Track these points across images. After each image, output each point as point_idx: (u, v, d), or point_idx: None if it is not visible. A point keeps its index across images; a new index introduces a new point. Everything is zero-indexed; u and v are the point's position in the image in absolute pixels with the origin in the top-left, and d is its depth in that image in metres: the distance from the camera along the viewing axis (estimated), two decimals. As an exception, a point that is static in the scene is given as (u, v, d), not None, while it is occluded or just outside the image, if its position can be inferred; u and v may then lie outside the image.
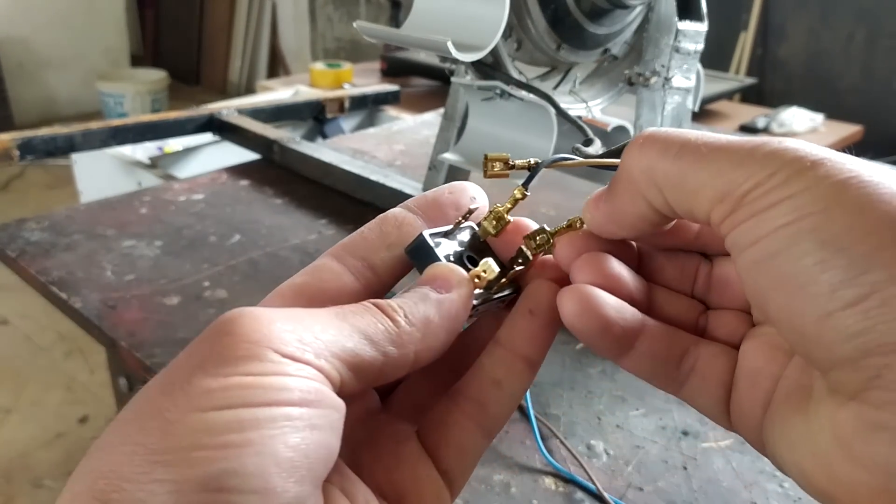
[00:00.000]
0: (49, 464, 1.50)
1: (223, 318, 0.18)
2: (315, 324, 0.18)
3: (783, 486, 0.45)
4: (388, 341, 0.19)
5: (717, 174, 0.19)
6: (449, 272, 0.22)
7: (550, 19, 0.58)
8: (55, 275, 0.64)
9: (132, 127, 0.91)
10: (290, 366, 0.17)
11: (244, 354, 0.17)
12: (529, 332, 0.23)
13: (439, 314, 0.21)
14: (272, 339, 0.17)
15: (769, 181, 0.18)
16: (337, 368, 0.18)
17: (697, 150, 0.19)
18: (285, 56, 3.76)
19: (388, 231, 0.23)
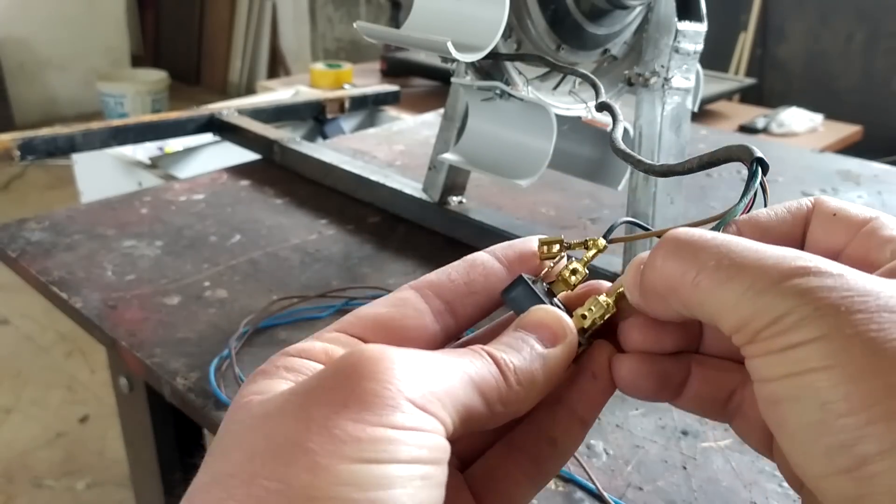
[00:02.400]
0: (49, 463, 1.50)
1: (360, 358, 0.18)
2: (439, 372, 0.19)
3: (782, 485, 0.45)
4: (497, 398, 0.20)
5: (733, 306, 0.18)
6: (556, 320, 0.22)
7: (550, 20, 0.58)
8: (56, 275, 0.64)
9: (133, 127, 0.91)
10: (423, 419, 0.18)
11: (384, 403, 0.17)
12: (591, 394, 0.23)
13: (544, 372, 0.21)
14: (407, 388, 0.18)
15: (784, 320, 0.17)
16: (453, 420, 0.19)
17: (717, 273, 0.19)
18: (285, 56, 3.76)
19: (475, 278, 0.23)
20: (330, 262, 0.68)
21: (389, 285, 0.64)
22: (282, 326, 0.58)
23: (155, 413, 0.69)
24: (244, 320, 0.57)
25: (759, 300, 0.18)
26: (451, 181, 0.72)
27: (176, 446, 0.72)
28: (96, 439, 1.56)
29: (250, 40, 3.78)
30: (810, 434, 0.17)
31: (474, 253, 0.24)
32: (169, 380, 0.51)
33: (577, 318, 0.22)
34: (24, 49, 3.46)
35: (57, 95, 3.63)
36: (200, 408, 0.49)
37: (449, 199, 0.73)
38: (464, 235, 0.71)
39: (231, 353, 0.53)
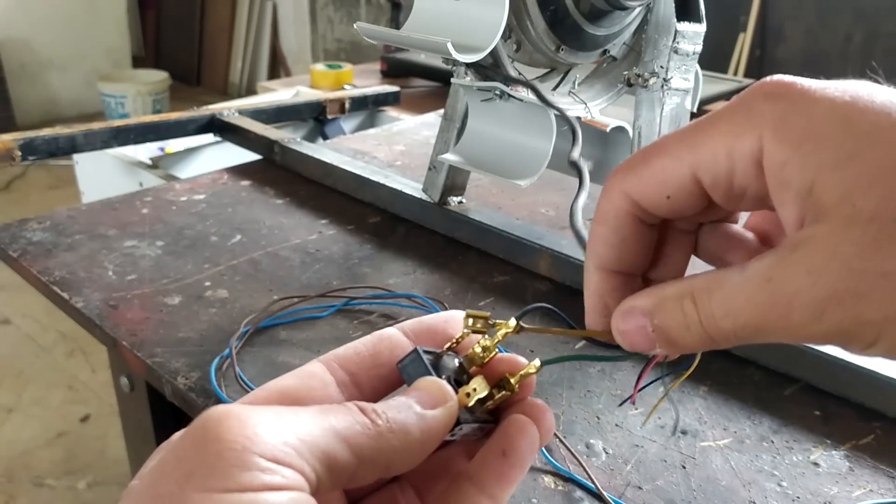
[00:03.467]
0: (50, 463, 1.50)
1: (208, 419, 0.18)
2: (296, 422, 0.19)
3: (781, 484, 0.45)
4: (365, 444, 0.20)
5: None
6: (437, 388, 0.22)
7: (550, 20, 0.58)
8: (57, 275, 0.64)
9: (133, 127, 0.91)
10: (278, 473, 0.17)
11: (232, 463, 0.17)
12: (499, 472, 0.22)
13: (419, 428, 0.21)
14: (257, 443, 0.18)
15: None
16: (315, 469, 0.18)
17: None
18: (286, 57, 3.76)
19: (381, 351, 0.24)
20: (330, 262, 0.68)
21: (389, 285, 0.64)
22: (282, 326, 0.58)
23: (156, 412, 0.69)
24: (245, 320, 0.57)
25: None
26: (451, 181, 0.72)
27: (177, 446, 0.72)
28: (97, 439, 1.57)
29: (251, 41, 3.78)
30: None
31: (385, 329, 0.25)
32: (170, 379, 0.52)
33: (462, 395, 0.23)
34: (25, 49, 3.46)
35: (58, 96, 3.63)
36: (201, 407, 0.49)
37: (449, 199, 0.73)
38: (464, 235, 0.71)
39: (232, 352, 0.53)
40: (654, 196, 0.22)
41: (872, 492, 0.45)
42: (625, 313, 0.23)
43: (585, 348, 0.56)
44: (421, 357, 0.23)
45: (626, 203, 0.22)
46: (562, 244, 0.66)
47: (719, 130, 0.20)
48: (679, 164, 0.21)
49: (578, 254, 0.64)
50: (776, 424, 0.50)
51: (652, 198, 0.22)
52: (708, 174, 0.21)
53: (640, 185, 0.22)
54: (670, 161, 0.21)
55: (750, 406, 0.52)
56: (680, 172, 0.21)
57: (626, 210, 0.23)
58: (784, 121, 0.19)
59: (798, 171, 0.19)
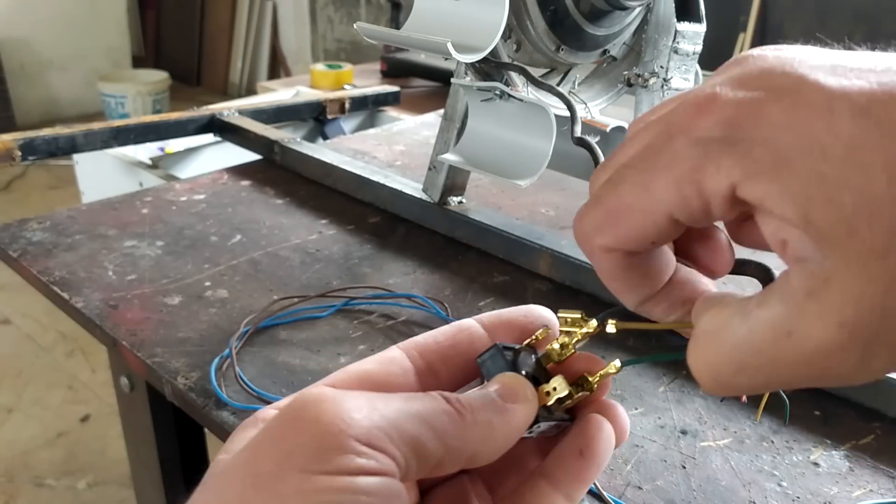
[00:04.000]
0: (51, 463, 1.50)
1: (304, 401, 0.19)
2: (387, 408, 0.19)
3: (781, 484, 0.45)
4: (451, 433, 0.20)
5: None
6: (518, 384, 0.22)
7: (550, 21, 0.58)
8: (57, 275, 0.64)
9: (133, 127, 0.91)
10: (369, 458, 0.18)
11: (328, 446, 0.18)
12: (576, 471, 0.22)
13: (502, 422, 0.21)
14: (353, 426, 0.18)
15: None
16: (405, 455, 0.19)
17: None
18: (286, 57, 3.76)
19: (460, 341, 0.24)
20: (330, 262, 0.68)
21: (389, 285, 0.64)
22: (282, 326, 0.58)
23: (156, 412, 0.69)
24: (245, 320, 0.57)
25: None
26: (451, 181, 0.72)
27: (177, 446, 0.72)
28: (97, 439, 1.57)
29: (251, 41, 3.78)
30: None
31: (464, 320, 0.25)
32: (170, 379, 0.52)
33: (542, 393, 0.23)
34: (25, 50, 3.46)
35: (58, 96, 3.63)
36: (201, 407, 0.49)
37: (449, 199, 0.73)
38: (464, 235, 0.71)
39: (232, 352, 0.53)
40: (638, 245, 0.21)
41: (872, 492, 0.45)
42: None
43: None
44: (501, 352, 0.23)
45: (613, 255, 0.21)
46: (562, 244, 0.66)
47: (677, 173, 0.19)
48: (650, 216, 0.20)
49: (578, 254, 0.65)
50: (776, 424, 0.50)
51: (636, 246, 0.21)
52: (683, 214, 0.19)
53: (619, 240, 0.21)
54: (640, 216, 0.20)
55: (749, 406, 0.52)
56: (655, 222, 0.20)
57: (618, 259, 0.21)
58: (746, 150, 0.17)
59: (783, 202, 0.17)
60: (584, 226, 0.21)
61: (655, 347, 0.58)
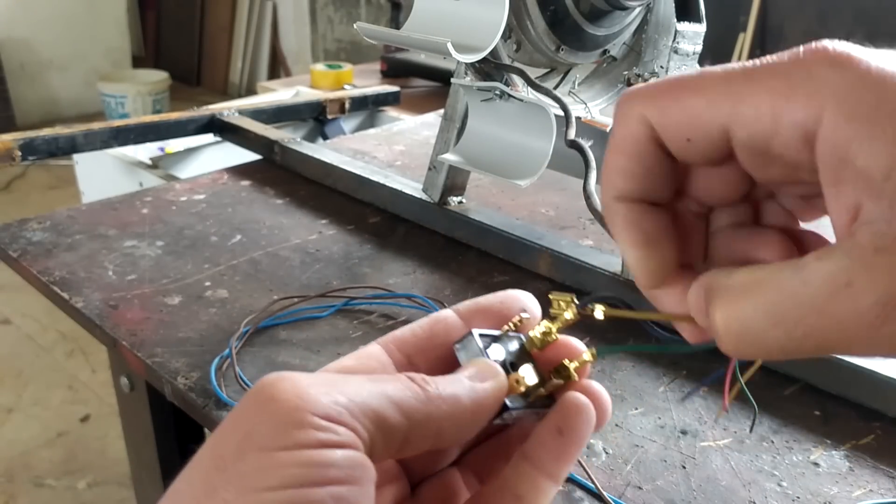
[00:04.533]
0: (51, 463, 1.50)
1: (263, 383, 0.19)
2: (346, 385, 0.19)
3: (781, 484, 0.45)
4: (415, 408, 0.20)
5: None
6: (487, 366, 0.22)
7: (550, 21, 0.58)
8: (57, 275, 0.64)
9: (133, 128, 0.91)
10: (329, 432, 0.18)
11: (289, 421, 0.18)
12: (556, 450, 0.22)
13: (469, 398, 0.21)
14: (310, 402, 0.18)
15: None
16: (367, 429, 0.19)
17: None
18: (286, 57, 3.76)
19: (437, 333, 0.24)
20: (330, 262, 0.68)
21: (389, 285, 0.64)
22: (282, 326, 0.58)
23: (156, 412, 0.69)
24: (245, 320, 0.57)
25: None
26: (451, 181, 0.72)
27: (177, 446, 0.72)
28: (97, 439, 1.57)
29: (251, 41, 3.78)
30: None
31: (442, 311, 0.25)
32: (170, 379, 0.52)
33: (511, 382, 0.23)
34: (25, 49, 3.46)
35: (58, 96, 3.63)
36: (201, 407, 0.49)
37: (449, 199, 0.73)
38: (464, 235, 0.71)
39: (232, 352, 0.53)
40: (674, 134, 0.20)
41: (872, 492, 0.45)
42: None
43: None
44: (475, 339, 0.23)
45: (646, 130, 0.20)
46: (562, 244, 0.66)
47: (769, 87, 0.18)
48: (713, 110, 0.19)
49: (578, 254, 0.65)
50: (776, 424, 0.50)
51: (670, 134, 0.20)
52: (743, 131, 0.18)
53: (662, 117, 0.20)
54: (704, 104, 0.19)
55: (750, 407, 0.52)
56: (711, 120, 0.19)
57: (648, 136, 0.20)
58: (853, 94, 0.17)
59: (869, 153, 0.16)
60: (637, 89, 0.20)
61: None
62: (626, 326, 0.60)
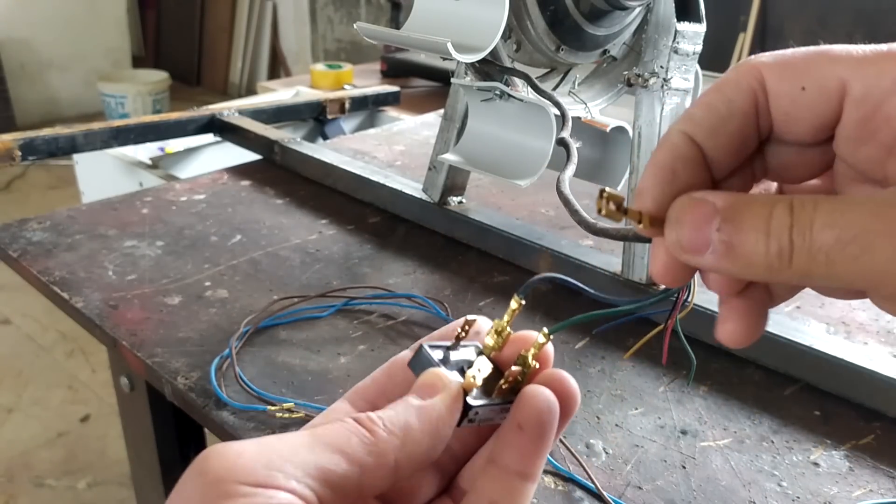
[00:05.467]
0: (51, 463, 1.50)
1: (197, 459, 0.19)
2: (283, 447, 0.19)
3: (781, 484, 0.45)
4: (364, 452, 0.20)
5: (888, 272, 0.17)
6: (435, 377, 0.22)
7: (550, 21, 0.58)
8: (57, 275, 0.64)
9: (133, 127, 0.91)
10: (258, 496, 0.18)
11: (215, 494, 0.18)
12: (520, 447, 0.22)
13: (419, 420, 0.21)
14: (238, 473, 0.18)
15: None
16: (310, 486, 0.19)
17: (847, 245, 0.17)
18: (286, 57, 3.76)
19: (395, 372, 0.24)
20: (330, 262, 0.68)
21: (389, 285, 0.64)
22: (282, 326, 0.58)
23: (156, 412, 0.69)
24: (245, 320, 0.57)
25: None
26: (451, 181, 0.72)
27: (177, 446, 0.72)
28: (97, 439, 1.57)
29: (251, 41, 3.78)
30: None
31: (399, 353, 0.25)
32: (170, 379, 0.52)
33: (468, 379, 0.23)
34: (25, 50, 3.46)
35: (58, 96, 3.63)
36: (201, 407, 0.49)
37: (449, 199, 0.73)
38: (464, 235, 0.71)
39: (232, 352, 0.53)
40: (789, 82, 0.19)
41: (872, 492, 0.45)
42: (693, 200, 0.19)
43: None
44: (425, 351, 0.23)
45: (754, 77, 0.20)
46: (562, 244, 0.66)
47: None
48: (835, 64, 0.19)
49: (578, 254, 0.65)
50: (776, 424, 0.50)
51: (785, 84, 0.19)
52: (860, 84, 0.18)
53: (779, 67, 0.19)
54: (827, 60, 0.19)
55: (750, 406, 0.52)
56: (831, 71, 0.19)
57: (751, 84, 0.20)
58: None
59: None
60: (765, 55, 0.20)
61: (656, 349, 0.58)
62: (625, 322, 0.59)
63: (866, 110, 0.19)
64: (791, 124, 0.20)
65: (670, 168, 0.20)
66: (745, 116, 0.20)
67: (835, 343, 0.53)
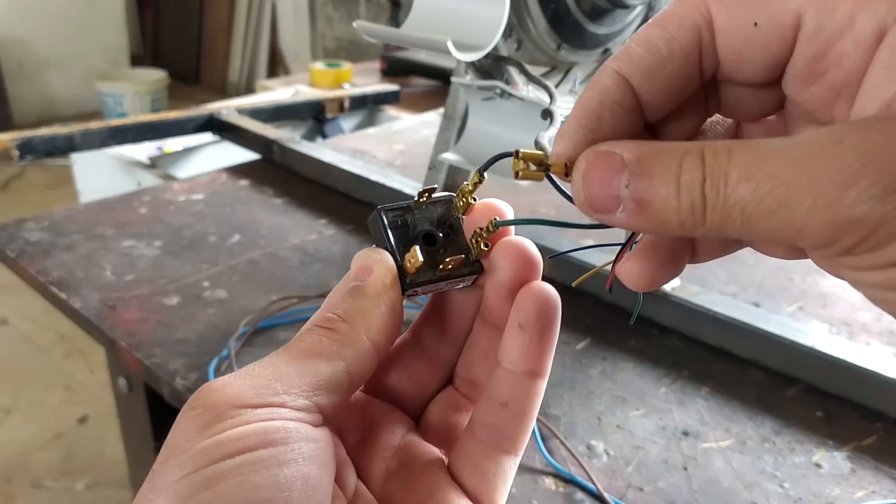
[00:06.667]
0: (48, 464, 1.50)
1: (187, 402, 0.19)
2: (266, 369, 0.20)
3: (783, 486, 0.45)
4: (338, 347, 0.20)
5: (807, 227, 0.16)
6: (365, 256, 0.22)
7: (550, 19, 0.58)
8: (55, 275, 0.64)
9: (132, 127, 0.91)
10: (251, 414, 0.18)
11: (208, 420, 0.18)
12: (523, 345, 0.22)
13: (367, 297, 0.22)
14: (229, 398, 0.19)
15: (881, 231, 0.15)
16: (304, 396, 0.19)
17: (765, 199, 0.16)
18: (285, 56, 3.75)
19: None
20: (329, 262, 0.68)
21: (389, 285, 0.64)
22: (281, 327, 0.57)
23: (154, 413, 0.68)
24: (243, 320, 0.57)
25: (842, 215, 0.15)
26: (451, 181, 0.72)
27: (175, 447, 0.72)
28: (95, 440, 1.56)
29: (250, 40, 3.78)
30: None
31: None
32: (168, 380, 0.51)
33: (406, 263, 0.22)
34: (23, 48, 3.46)
35: (56, 95, 3.62)
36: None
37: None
38: (464, 235, 0.71)
39: (230, 353, 0.53)
40: (740, 18, 0.18)
41: (875, 493, 0.44)
42: (599, 154, 0.18)
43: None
44: (379, 214, 0.23)
45: (700, 14, 0.18)
46: (562, 244, 0.66)
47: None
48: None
49: (578, 254, 0.64)
50: (778, 425, 0.50)
51: (735, 20, 0.18)
52: (815, 18, 0.17)
53: (732, 2, 0.18)
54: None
55: (752, 407, 0.52)
56: (786, 2, 0.17)
57: (696, 22, 0.18)
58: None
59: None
60: None
61: (657, 348, 0.58)
62: (625, 323, 0.59)
63: (817, 48, 0.17)
64: (741, 63, 0.18)
65: (596, 113, 0.19)
66: (687, 57, 0.18)
67: (837, 343, 0.53)
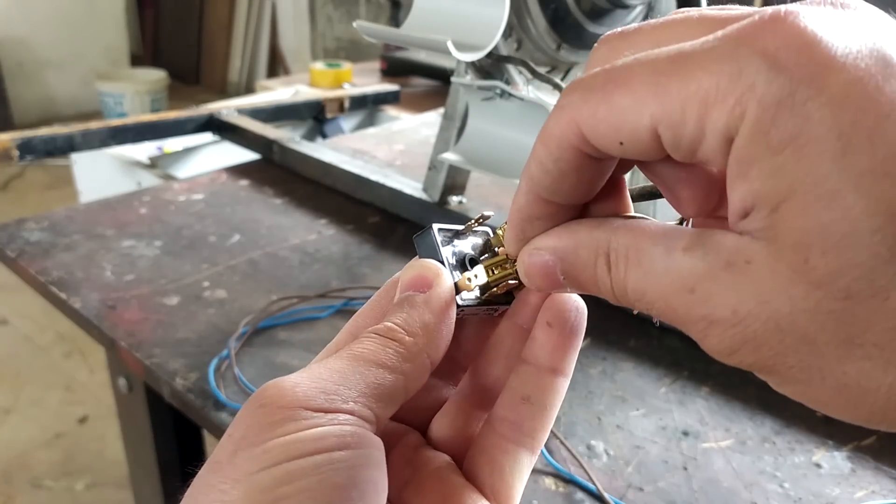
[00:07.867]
0: (48, 464, 1.50)
1: (255, 394, 0.20)
2: (331, 374, 0.20)
3: (783, 486, 0.45)
4: (401, 360, 0.21)
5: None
6: (423, 268, 0.23)
7: (550, 19, 0.58)
8: (55, 275, 0.64)
9: (132, 127, 0.91)
10: (323, 418, 0.19)
11: (280, 418, 0.19)
12: (550, 343, 0.23)
13: (431, 312, 0.22)
14: (300, 400, 0.19)
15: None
16: (368, 405, 0.20)
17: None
18: (285, 56, 3.75)
19: (394, 294, 0.24)
20: (329, 262, 0.68)
21: (389, 285, 0.64)
22: (281, 327, 0.57)
23: (154, 413, 0.68)
24: (243, 320, 0.57)
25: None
26: (451, 181, 0.72)
27: (175, 447, 0.72)
28: (95, 440, 1.56)
29: (250, 39, 3.78)
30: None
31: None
32: (168, 380, 0.51)
33: (463, 280, 0.23)
34: (23, 48, 3.46)
35: (56, 95, 3.62)
36: (200, 408, 0.49)
37: (449, 198, 0.73)
38: (464, 235, 0.71)
39: (230, 353, 0.53)
40: (607, 138, 0.18)
41: (875, 493, 0.44)
42: (531, 253, 0.21)
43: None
44: (432, 232, 0.23)
45: (574, 134, 0.18)
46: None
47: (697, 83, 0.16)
48: (640, 109, 0.17)
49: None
50: (778, 425, 0.50)
51: (604, 139, 0.18)
52: (669, 132, 0.17)
53: (594, 120, 0.18)
54: (632, 103, 0.17)
55: (752, 407, 0.52)
56: (639, 121, 0.17)
57: (572, 143, 0.19)
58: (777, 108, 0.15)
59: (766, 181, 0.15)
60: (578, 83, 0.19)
61: (657, 348, 0.58)
62: (628, 324, 0.59)
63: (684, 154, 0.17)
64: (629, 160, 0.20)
65: (521, 229, 0.22)
66: (580, 168, 0.19)
67: (837, 343, 0.53)
